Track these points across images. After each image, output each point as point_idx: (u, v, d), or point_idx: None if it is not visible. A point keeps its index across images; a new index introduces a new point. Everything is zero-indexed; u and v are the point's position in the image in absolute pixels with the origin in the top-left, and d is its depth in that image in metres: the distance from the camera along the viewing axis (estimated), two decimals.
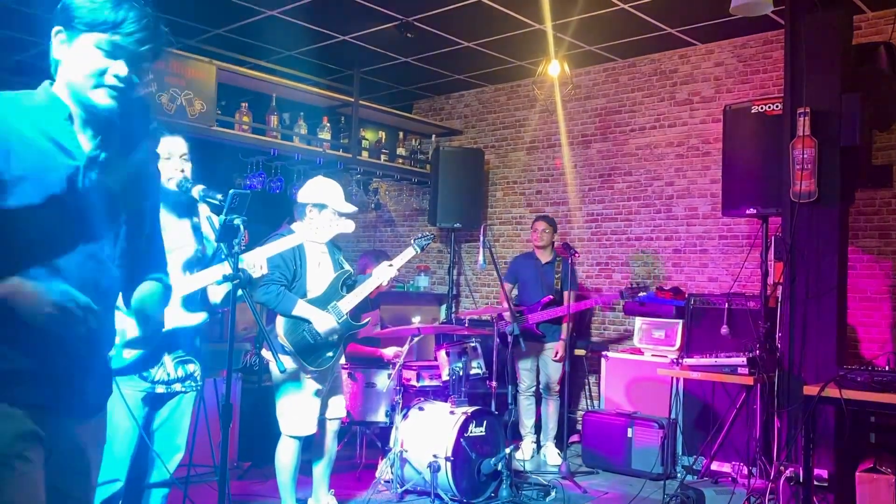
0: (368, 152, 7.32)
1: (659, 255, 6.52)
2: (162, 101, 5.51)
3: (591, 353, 6.45)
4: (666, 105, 6.54)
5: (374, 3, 5.57)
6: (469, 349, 5.13)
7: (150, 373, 2.87)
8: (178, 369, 2.96)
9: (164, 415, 2.98)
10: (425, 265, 8.10)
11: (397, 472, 4.52)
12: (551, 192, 7.26)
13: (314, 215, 3.96)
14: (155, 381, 2.89)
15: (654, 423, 5.37)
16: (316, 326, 3.84)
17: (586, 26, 5.90)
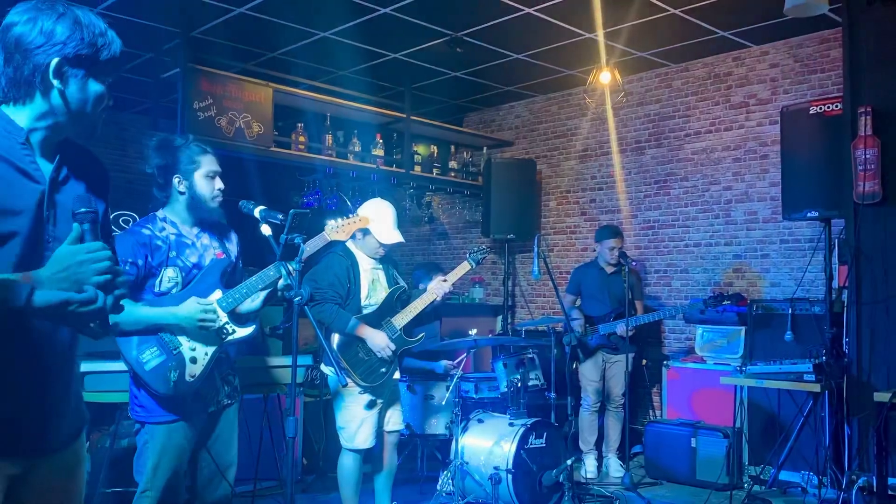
0: (421, 167, 7.40)
1: (719, 261, 6.41)
2: (221, 124, 5.68)
3: (651, 363, 6.35)
4: (721, 108, 6.45)
5: (424, 20, 5.65)
6: (526, 360, 5.12)
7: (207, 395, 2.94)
8: (225, 386, 3.02)
9: (216, 432, 3.01)
10: (480, 277, 8.13)
11: (458, 484, 4.53)
12: (605, 200, 7.21)
13: (359, 237, 4.00)
14: (208, 402, 2.95)
15: (719, 433, 5.26)
16: (369, 344, 3.89)
17: (637, 33, 5.87)
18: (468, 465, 4.53)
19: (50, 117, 1.72)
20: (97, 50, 1.69)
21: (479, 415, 4.84)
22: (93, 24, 1.69)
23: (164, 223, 2.95)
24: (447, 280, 4.12)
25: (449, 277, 4.14)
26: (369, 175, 6.85)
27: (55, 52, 1.64)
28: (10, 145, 1.67)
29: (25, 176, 1.67)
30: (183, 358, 2.81)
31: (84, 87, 1.70)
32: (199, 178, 2.94)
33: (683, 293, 6.58)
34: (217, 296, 2.90)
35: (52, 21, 1.65)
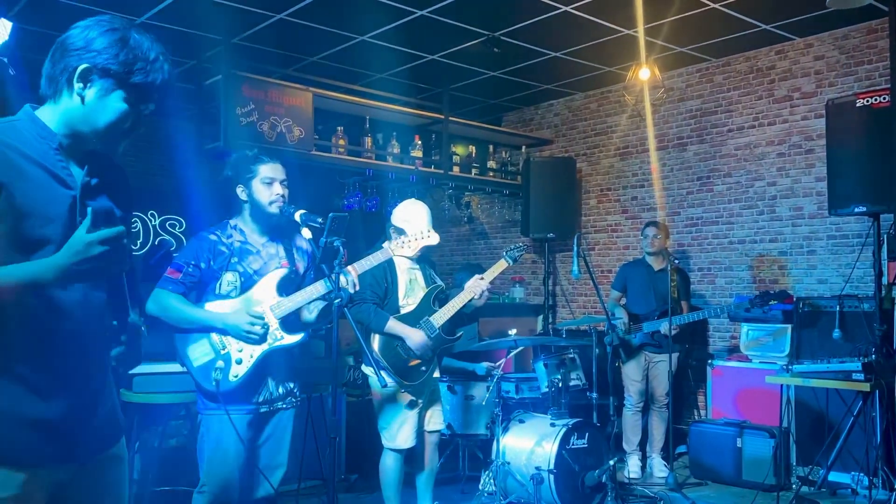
0: (459, 167, 7.41)
1: (764, 257, 6.30)
2: (263, 129, 5.78)
3: (696, 362, 6.27)
4: (764, 103, 6.33)
5: (462, 21, 5.66)
6: (568, 360, 5.10)
7: (255, 395, 3.01)
8: (279, 388, 3.08)
9: (268, 433, 3.10)
10: (520, 276, 8.11)
11: (500, 484, 4.54)
12: (647, 198, 7.14)
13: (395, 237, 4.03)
14: (259, 403, 3.02)
15: (766, 432, 5.17)
16: (408, 342, 3.92)
17: (677, 28, 5.80)
18: (510, 465, 4.53)
19: (72, 122, 1.75)
20: (130, 71, 1.73)
21: (520, 415, 4.84)
22: (140, 49, 1.75)
23: (233, 230, 3.11)
24: (484, 278, 4.12)
25: (486, 275, 4.15)
26: (408, 176, 6.89)
27: (87, 59, 1.71)
28: (44, 150, 1.72)
29: (58, 181, 1.72)
30: (229, 358, 2.92)
31: (104, 98, 1.74)
32: (256, 184, 3.08)
33: (728, 291, 6.49)
34: (272, 303, 3.00)
35: (98, 33, 1.72)
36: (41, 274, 1.58)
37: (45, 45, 1.80)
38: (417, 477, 4.20)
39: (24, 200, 1.63)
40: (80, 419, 1.77)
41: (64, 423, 1.73)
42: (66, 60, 1.72)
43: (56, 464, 1.73)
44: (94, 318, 1.78)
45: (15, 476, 1.66)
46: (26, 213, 1.63)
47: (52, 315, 1.69)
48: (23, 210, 1.62)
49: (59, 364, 1.71)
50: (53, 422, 1.71)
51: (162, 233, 7.97)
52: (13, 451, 1.66)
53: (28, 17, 5.35)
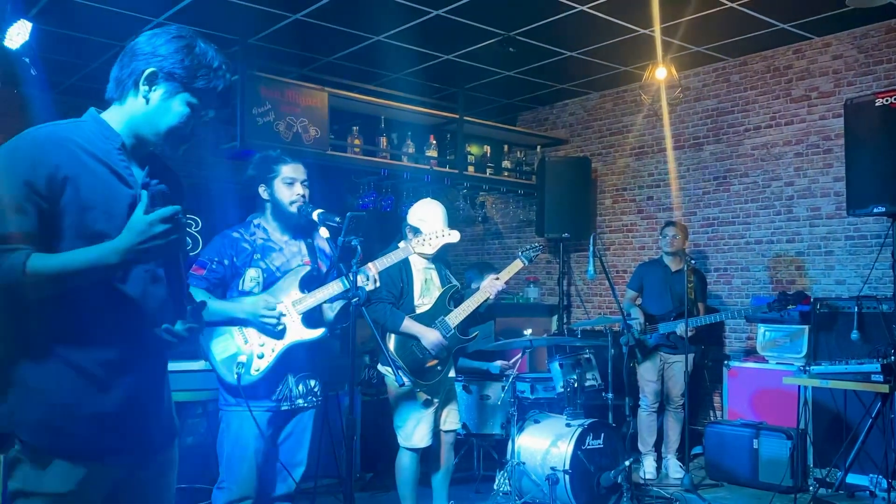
0: (474, 167, 7.41)
1: (781, 258, 6.26)
2: (279, 129, 5.80)
3: (712, 363, 6.24)
4: (781, 102, 6.29)
5: (477, 21, 5.66)
6: (583, 360, 5.09)
7: (276, 391, 3.03)
8: (300, 385, 3.11)
9: (288, 430, 3.13)
10: (534, 276, 8.10)
11: (515, 484, 4.54)
12: (663, 198, 7.11)
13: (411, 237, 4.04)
14: (280, 400, 3.05)
15: (782, 434, 5.14)
16: (423, 342, 3.92)
17: (694, 28, 5.78)
18: (525, 466, 4.53)
19: (135, 124, 1.85)
20: (194, 76, 1.83)
21: (536, 415, 4.84)
22: (204, 56, 1.86)
23: (256, 228, 3.17)
24: (500, 278, 4.12)
25: (501, 276, 4.15)
26: (423, 176, 6.90)
27: (154, 63, 1.81)
28: (107, 149, 1.81)
29: (120, 180, 1.80)
30: (251, 352, 2.96)
31: (168, 101, 1.84)
32: (278, 184, 3.14)
33: (744, 291, 6.45)
34: (294, 298, 3.05)
35: (166, 39, 1.83)
36: (106, 257, 1.65)
37: (64, 45, 1.87)
38: (433, 476, 4.21)
39: (88, 194, 1.71)
40: (138, 414, 1.82)
41: (123, 418, 1.77)
42: (134, 64, 1.82)
43: (115, 458, 1.76)
44: (155, 314, 1.82)
45: (75, 470, 1.69)
46: (90, 206, 1.71)
47: (114, 309, 1.75)
48: (87, 203, 1.70)
49: (120, 358, 1.76)
50: (113, 415, 1.75)
51: None
52: (74, 444, 1.69)
53: (47, 18, 5.39)
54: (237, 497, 2.95)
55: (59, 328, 1.69)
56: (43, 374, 1.68)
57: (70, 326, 1.70)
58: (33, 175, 1.65)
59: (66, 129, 1.77)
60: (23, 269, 1.58)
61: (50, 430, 1.67)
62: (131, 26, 5.60)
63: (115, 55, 1.92)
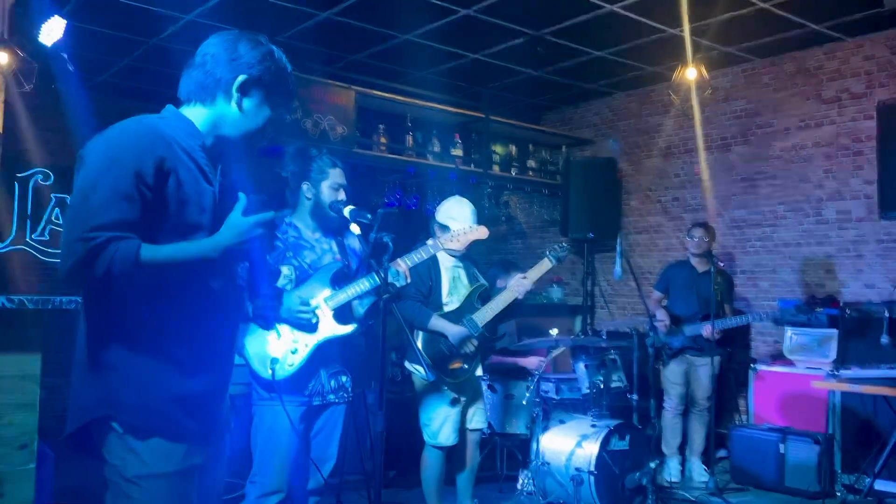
0: (499, 166, 7.41)
1: (809, 261, 6.19)
2: (307, 126, 5.84)
3: (738, 366, 6.19)
4: (812, 104, 6.22)
5: (506, 20, 5.66)
6: (608, 361, 5.07)
7: (308, 386, 3.06)
8: (332, 381, 3.13)
9: (319, 425, 3.16)
10: (559, 276, 8.07)
11: (539, 484, 4.53)
12: (690, 199, 7.06)
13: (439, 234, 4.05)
14: (312, 395, 3.07)
15: (810, 439, 5.09)
16: (451, 339, 3.92)
17: (724, 28, 5.73)
18: (549, 466, 4.52)
19: (220, 126, 1.92)
20: (279, 82, 1.93)
21: (560, 415, 4.82)
22: (282, 61, 1.95)
23: (288, 227, 3.19)
24: (528, 277, 4.11)
25: (529, 275, 4.14)
26: (448, 175, 6.90)
27: (244, 70, 1.88)
28: (193, 146, 1.87)
29: (204, 176, 1.86)
30: (285, 348, 3.00)
31: (259, 105, 1.92)
32: (325, 187, 3.17)
33: (771, 294, 6.39)
34: (325, 294, 3.08)
35: (249, 47, 1.90)
36: (208, 251, 1.75)
37: (97, 42, 1.90)
38: (458, 475, 4.21)
39: (185, 188, 1.78)
40: (215, 400, 1.90)
41: (204, 403, 1.85)
42: (222, 71, 1.88)
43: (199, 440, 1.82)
44: (232, 307, 1.93)
45: (176, 448, 1.76)
46: (186, 199, 1.78)
47: (199, 301, 1.82)
48: (184, 196, 1.78)
49: (202, 346, 1.83)
50: (196, 400, 1.82)
51: None
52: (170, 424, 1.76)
53: (80, 15, 5.46)
54: (269, 490, 2.98)
55: (150, 317, 1.75)
56: (135, 360, 1.74)
57: (160, 316, 1.76)
58: (142, 165, 1.71)
59: (162, 123, 1.83)
60: (136, 258, 1.64)
61: (150, 410, 1.74)
62: (162, 24, 5.66)
63: (146, 52, 1.98)
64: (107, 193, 1.66)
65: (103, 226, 1.63)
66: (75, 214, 1.68)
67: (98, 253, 1.61)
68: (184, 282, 1.77)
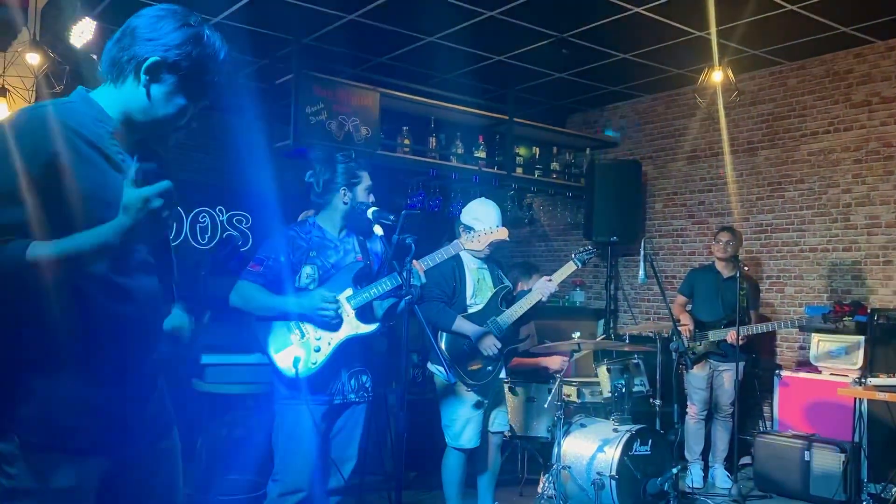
0: (523, 168, 7.39)
1: (836, 267, 6.11)
2: (331, 128, 5.87)
3: (762, 372, 6.12)
4: (840, 107, 6.14)
5: (531, 22, 5.65)
6: (631, 366, 5.04)
7: (330, 385, 3.07)
8: (353, 380, 3.15)
9: (340, 425, 3.17)
10: (580, 280, 8.03)
11: (560, 488, 4.51)
12: (715, 203, 7.00)
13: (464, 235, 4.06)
14: (333, 393, 3.09)
15: (836, 447, 5.02)
16: (475, 341, 3.93)
17: (752, 31, 5.67)
18: (570, 469, 4.50)
19: (131, 110, 1.74)
20: (199, 70, 1.73)
21: (582, 419, 4.80)
22: (212, 48, 1.75)
23: (311, 227, 3.25)
24: (552, 280, 4.11)
25: (554, 277, 4.14)
26: (471, 177, 6.90)
27: (158, 52, 1.69)
28: (100, 134, 1.70)
29: (113, 166, 1.69)
30: (308, 346, 3.02)
31: (169, 93, 1.73)
32: (360, 191, 3.23)
33: (798, 300, 6.31)
34: (348, 293, 3.11)
35: (173, 27, 1.71)
36: (107, 236, 1.56)
37: None
38: (479, 477, 4.21)
39: (85, 183, 1.62)
40: (132, 407, 1.76)
41: (118, 411, 1.71)
42: (136, 49, 1.70)
43: (110, 452, 1.71)
44: (149, 305, 1.77)
45: (73, 465, 1.65)
46: (87, 195, 1.61)
47: (109, 300, 1.68)
48: (83, 193, 1.61)
49: (115, 350, 1.69)
50: (108, 409, 1.69)
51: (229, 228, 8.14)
52: (71, 438, 1.64)
53: (110, 16, 5.53)
54: (291, 489, 3.00)
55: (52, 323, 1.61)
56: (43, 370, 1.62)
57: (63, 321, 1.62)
58: (31, 164, 1.56)
59: (59, 113, 1.65)
60: (23, 257, 1.51)
61: (47, 425, 1.62)
62: None
63: None
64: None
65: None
66: None
67: None
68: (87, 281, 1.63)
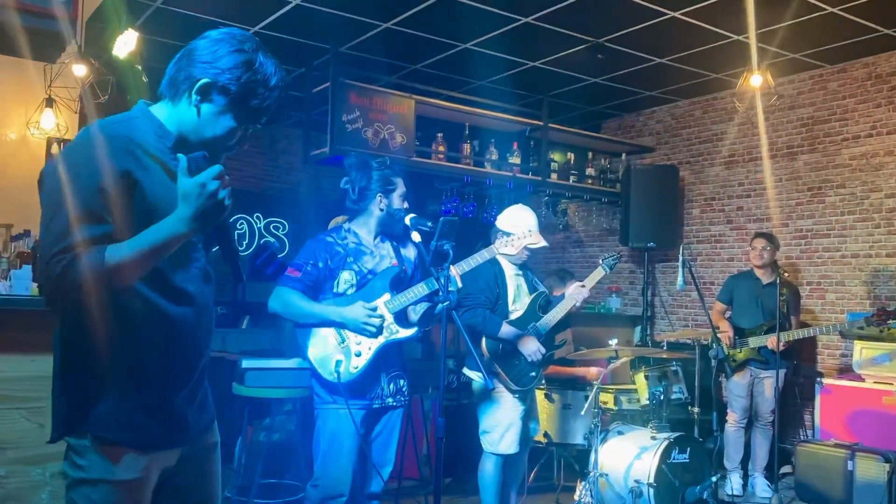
0: (557, 174, 7.37)
1: (879, 273, 5.98)
2: (367, 135, 5.92)
3: (803, 380, 6.02)
4: (883, 111, 6.03)
5: (566, 28, 5.65)
6: (669, 373, 4.99)
7: (370, 390, 3.10)
8: (391, 385, 3.18)
9: (378, 429, 3.20)
10: (617, 286, 7.98)
11: (597, 495, 4.48)
12: (754, 208, 6.91)
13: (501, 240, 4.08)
14: (372, 398, 3.12)
15: (880, 457, 4.91)
16: (520, 347, 3.93)
17: (791, 34, 5.60)
18: (608, 477, 4.47)
19: (183, 128, 1.82)
20: (248, 94, 1.78)
21: (619, 426, 4.77)
22: (263, 74, 1.80)
23: (347, 233, 3.27)
24: (585, 286, 4.10)
25: (587, 283, 4.13)
26: (506, 183, 6.91)
27: (210, 74, 1.77)
28: (161, 147, 1.79)
29: (173, 178, 1.74)
30: (349, 351, 3.05)
31: (218, 115, 1.80)
32: (396, 198, 3.27)
33: (839, 307, 6.20)
34: (385, 299, 3.15)
35: (227, 51, 1.78)
36: (175, 228, 1.63)
37: (168, 54, 1.89)
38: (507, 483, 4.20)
39: (153, 195, 1.70)
40: (189, 406, 1.87)
41: (176, 408, 1.83)
42: (191, 70, 1.78)
43: (169, 448, 1.83)
44: (207, 312, 1.87)
45: (139, 459, 1.76)
46: (153, 207, 1.69)
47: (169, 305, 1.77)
48: (152, 205, 1.69)
49: (174, 351, 1.80)
50: (169, 408, 1.81)
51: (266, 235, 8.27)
52: (137, 434, 1.75)
53: (152, 28, 5.66)
54: (332, 494, 3.02)
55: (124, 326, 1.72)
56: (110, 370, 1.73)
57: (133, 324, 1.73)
58: (103, 179, 1.64)
59: (126, 128, 1.75)
60: (103, 262, 1.59)
61: (119, 423, 1.74)
62: None
63: None
64: (70, 214, 1.61)
65: (69, 247, 1.59)
66: (43, 238, 1.64)
67: (67, 274, 1.58)
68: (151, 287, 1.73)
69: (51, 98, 5.25)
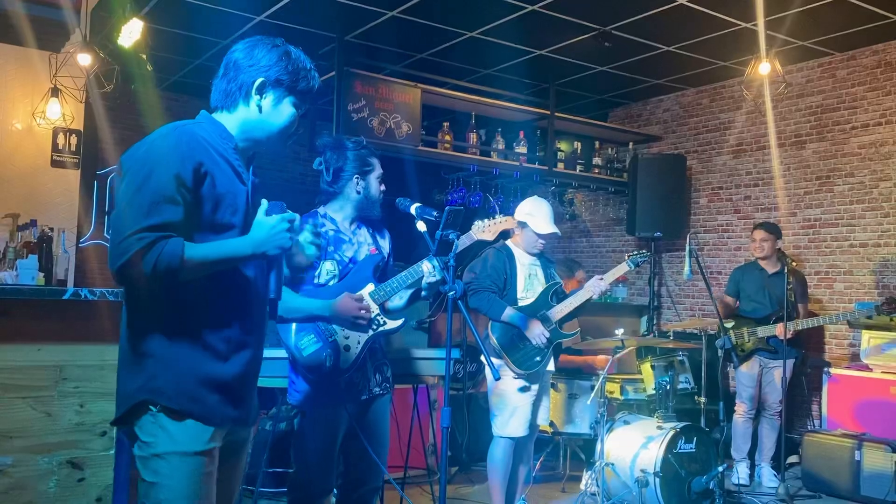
0: (564, 163, 7.34)
1: (888, 262, 5.95)
2: (373, 124, 5.90)
3: (811, 370, 6.00)
4: (893, 99, 5.97)
5: (573, 15, 5.61)
6: (676, 362, 4.98)
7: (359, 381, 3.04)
8: (376, 374, 3.11)
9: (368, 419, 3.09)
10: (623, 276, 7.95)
11: (603, 485, 4.48)
12: (762, 197, 6.87)
13: (518, 232, 4.10)
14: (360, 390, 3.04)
15: (888, 446, 4.90)
16: (525, 331, 3.93)
17: (800, 21, 5.55)
18: (613, 466, 4.47)
19: (247, 129, 2.03)
20: (296, 80, 2.02)
21: (626, 416, 4.77)
22: (300, 60, 2.05)
23: (324, 219, 3.09)
24: (604, 279, 4.09)
25: (606, 277, 4.12)
26: (512, 172, 6.89)
27: (261, 73, 1.99)
28: (227, 149, 1.99)
29: (237, 177, 1.98)
30: (338, 346, 2.93)
31: (278, 105, 2.02)
32: (373, 179, 3.11)
33: (847, 297, 6.17)
34: (369, 289, 3.03)
35: (265, 50, 2.01)
36: (242, 249, 1.88)
37: (173, 43, 1.99)
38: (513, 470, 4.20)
39: (220, 189, 1.90)
40: (248, 386, 2.01)
41: (239, 388, 1.96)
42: (241, 77, 2.00)
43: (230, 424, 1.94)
44: (262, 293, 2.03)
45: (205, 431, 1.86)
46: (221, 200, 1.90)
47: (235, 291, 1.95)
48: (219, 197, 1.90)
49: (237, 334, 1.95)
50: (232, 385, 1.93)
51: None
52: (205, 408, 1.87)
53: (156, 16, 5.64)
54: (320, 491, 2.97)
55: (190, 307, 1.87)
56: (175, 347, 1.86)
57: (199, 305, 1.88)
58: (182, 169, 1.83)
59: (198, 129, 1.95)
60: (181, 256, 1.76)
61: (185, 395, 1.85)
62: (234, 24, 5.80)
63: (218, 52, 2.05)
64: (152, 197, 1.78)
65: (151, 227, 1.75)
66: (124, 217, 1.78)
67: (147, 252, 1.73)
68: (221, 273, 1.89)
69: (56, 87, 5.25)
